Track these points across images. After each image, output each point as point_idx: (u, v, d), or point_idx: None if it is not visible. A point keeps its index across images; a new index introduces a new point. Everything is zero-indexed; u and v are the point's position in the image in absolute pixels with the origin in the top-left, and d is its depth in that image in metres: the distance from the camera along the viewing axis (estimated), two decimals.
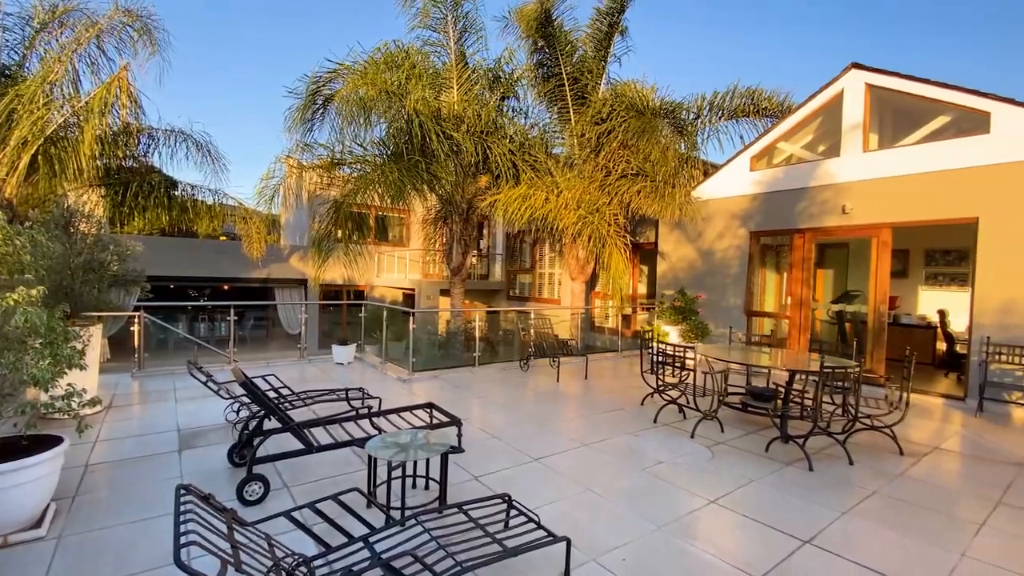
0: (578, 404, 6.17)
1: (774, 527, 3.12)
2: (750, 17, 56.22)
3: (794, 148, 8.87)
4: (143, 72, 7.73)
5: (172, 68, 7.70)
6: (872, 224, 7.43)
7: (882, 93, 7.44)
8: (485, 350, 10.37)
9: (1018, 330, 6.11)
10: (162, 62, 7.55)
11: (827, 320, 9.21)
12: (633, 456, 4.31)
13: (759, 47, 56.26)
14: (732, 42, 56.01)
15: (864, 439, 4.84)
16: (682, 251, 10.15)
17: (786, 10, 52.48)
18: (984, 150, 6.40)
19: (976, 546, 3.00)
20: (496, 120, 9.75)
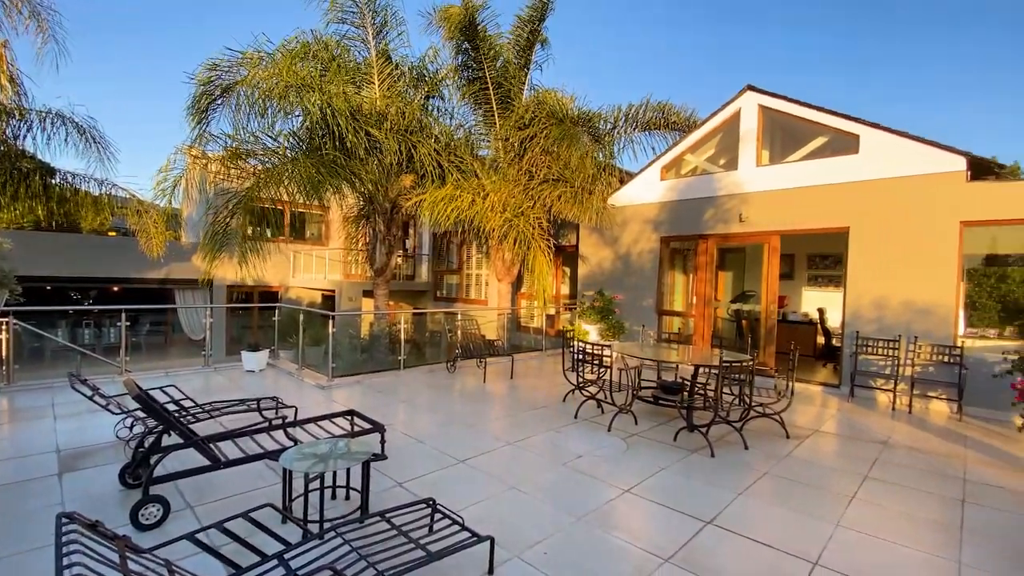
0: (504, 404, 6.26)
1: (681, 511, 3.39)
2: (662, 32, 59.99)
3: (699, 160, 9.63)
4: (39, 60, 7.06)
5: (71, 56, 7.01)
6: (764, 231, 8.26)
7: (773, 114, 8.31)
8: (411, 352, 10.19)
9: (882, 325, 7.09)
10: (57, 48, 6.77)
11: (727, 318, 10.09)
12: (555, 452, 4.47)
13: (673, 64, 60.23)
14: (648, 59, 59.47)
15: (757, 425, 5.37)
16: (601, 254, 10.63)
17: (697, 28, 56.62)
18: (854, 168, 7.36)
19: (848, 516, 3.46)
20: (421, 119, 9.63)
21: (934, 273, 6.67)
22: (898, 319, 6.92)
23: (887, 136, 7.08)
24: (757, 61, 56.48)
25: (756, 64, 58.82)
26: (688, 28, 56.48)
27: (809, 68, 55.11)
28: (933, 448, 5.00)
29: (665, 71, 58.05)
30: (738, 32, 56.50)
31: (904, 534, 3.22)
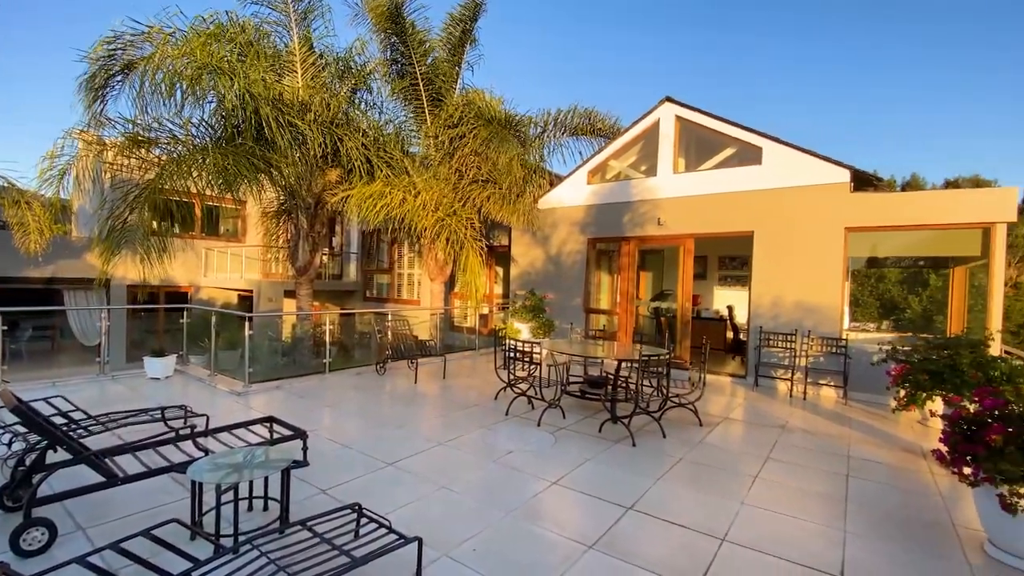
0: (435, 404, 6.22)
1: (604, 499, 3.55)
2: (589, 42, 62.12)
3: (622, 166, 10.10)
4: None
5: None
6: (680, 234, 8.84)
7: (688, 124, 8.90)
8: (338, 355, 9.81)
9: (781, 320, 7.82)
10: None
11: (648, 315, 10.68)
12: (486, 449, 4.51)
13: (597, 73, 62.58)
14: (577, 68, 61.36)
15: (674, 415, 5.74)
16: (533, 254, 10.84)
17: (619, 41, 59.21)
18: (757, 177, 8.06)
19: (752, 494, 3.79)
20: (348, 112, 9.31)
21: (823, 274, 7.47)
22: (794, 315, 7.68)
23: (785, 149, 7.83)
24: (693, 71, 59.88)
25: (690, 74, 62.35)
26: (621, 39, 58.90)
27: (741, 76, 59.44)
28: (823, 430, 5.61)
29: (592, 78, 60.24)
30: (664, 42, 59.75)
31: (799, 507, 3.59)
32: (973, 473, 2.94)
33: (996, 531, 2.96)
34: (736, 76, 61.12)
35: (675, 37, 57.96)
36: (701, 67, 57.36)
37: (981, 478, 2.89)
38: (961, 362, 4.61)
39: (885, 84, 52.82)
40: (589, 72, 57.63)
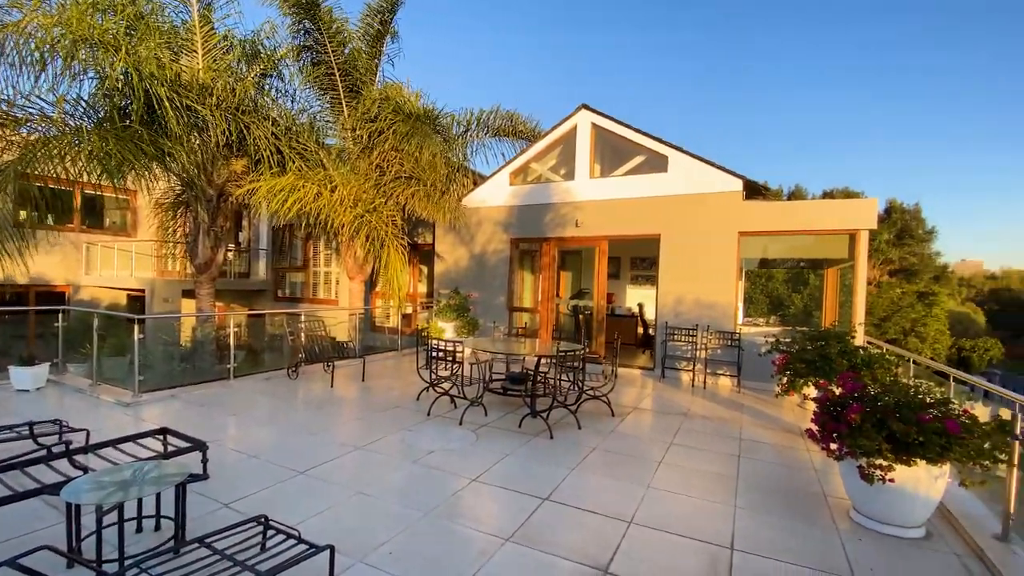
0: (353, 407, 6.02)
1: (522, 492, 3.66)
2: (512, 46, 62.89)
3: (543, 169, 10.39)
4: None
5: None
6: (596, 236, 9.27)
7: (603, 132, 9.35)
8: (246, 359, 9.17)
9: (685, 317, 8.46)
10: None
11: (567, 313, 11.10)
12: (406, 451, 4.46)
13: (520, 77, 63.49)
14: (498, 71, 61.84)
15: (590, 407, 6.03)
16: (458, 253, 10.82)
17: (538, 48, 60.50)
18: (664, 184, 8.65)
19: (657, 478, 4.09)
20: (256, 99, 8.71)
21: (720, 274, 8.19)
22: (696, 312, 8.35)
23: (688, 159, 8.48)
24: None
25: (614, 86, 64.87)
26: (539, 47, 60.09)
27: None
28: (719, 415, 6.17)
29: (514, 84, 60.94)
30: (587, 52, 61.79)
31: (697, 488, 3.93)
32: (838, 448, 3.38)
33: (858, 499, 3.43)
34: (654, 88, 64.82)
35: (591, 39, 60.07)
36: (619, 72, 60.13)
37: (844, 452, 3.34)
38: (830, 351, 5.29)
39: (772, 101, 58.64)
40: (510, 77, 58.36)
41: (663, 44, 67.66)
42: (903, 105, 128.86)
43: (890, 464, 3.08)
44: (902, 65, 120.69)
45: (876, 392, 3.45)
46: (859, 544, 3.09)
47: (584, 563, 2.74)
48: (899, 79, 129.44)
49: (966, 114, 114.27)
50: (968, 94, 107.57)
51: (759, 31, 60.31)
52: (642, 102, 76.10)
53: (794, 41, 51.33)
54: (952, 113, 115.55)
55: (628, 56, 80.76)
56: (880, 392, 3.40)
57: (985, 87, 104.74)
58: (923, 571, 2.83)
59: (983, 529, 3.22)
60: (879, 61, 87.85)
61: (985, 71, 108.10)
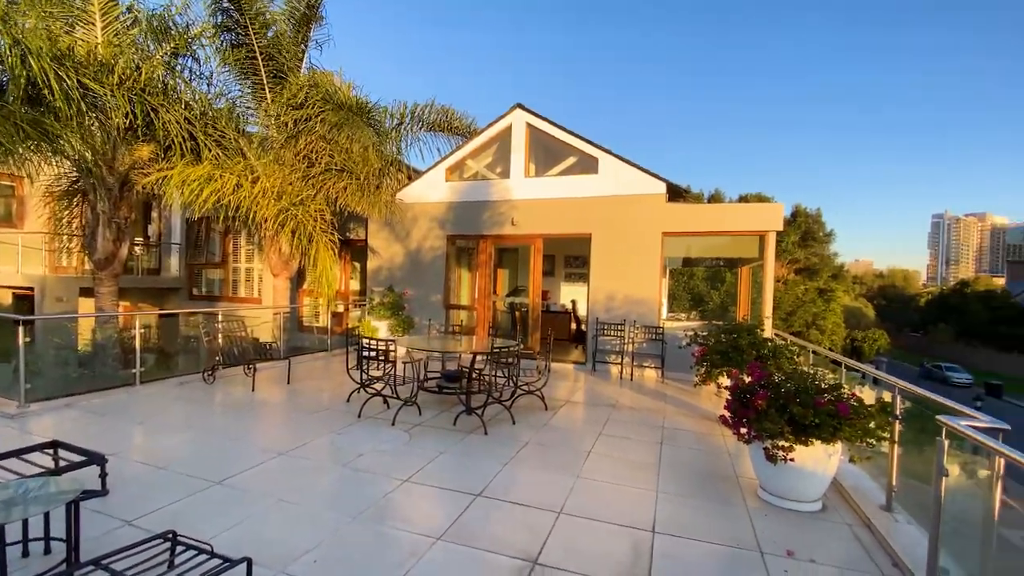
0: (277, 411, 5.73)
1: (455, 489, 3.66)
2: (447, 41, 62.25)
3: (479, 166, 10.39)
4: None
5: None
6: (531, 234, 9.42)
7: (537, 132, 9.50)
8: (156, 363, 8.44)
9: (614, 313, 8.81)
10: None
11: (504, 310, 11.20)
12: (335, 454, 4.31)
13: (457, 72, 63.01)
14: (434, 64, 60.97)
15: (524, 402, 6.12)
16: (392, 249, 10.56)
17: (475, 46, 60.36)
18: (595, 185, 8.95)
19: (586, 467, 4.23)
20: (166, 80, 8.00)
21: (646, 271, 8.61)
22: (624, 308, 8.73)
23: (617, 161, 8.83)
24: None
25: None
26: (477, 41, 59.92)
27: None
28: (645, 405, 6.49)
29: (449, 79, 60.36)
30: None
31: (623, 475, 4.12)
32: (747, 432, 3.67)
33: (764, 478, 3.74)
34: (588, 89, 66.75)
35: (526, 38, 60.90)
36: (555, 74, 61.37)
37: (752, 436, 3.63)
38: (741, 343, 5.73)
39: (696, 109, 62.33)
40: (447, 71, 57.79)
41: (599, 47, 69.96)
42: (808, 118, 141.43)
43: (791, 445, 3.39)
44: (811, 84, 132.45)
45: (780, 380, 3.77)
46: (765, 519, 3.38)
47: (515, 556, 2.79)
48: (805, 97, 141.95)
49: (860, 128, 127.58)
50: (869, 110, 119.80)
51: (690, 41, 63.56)
52: (576, 105, 78.63)
53: (719, 53, 54.80)
54: (849, 127, 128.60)
55: (563, 59, 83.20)
56: (783, 380, 3.73)
57: (878, 103, 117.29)
58: (819, 541, 3.14)
59: (870, 501, 3.62)
60: (797, 77, 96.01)
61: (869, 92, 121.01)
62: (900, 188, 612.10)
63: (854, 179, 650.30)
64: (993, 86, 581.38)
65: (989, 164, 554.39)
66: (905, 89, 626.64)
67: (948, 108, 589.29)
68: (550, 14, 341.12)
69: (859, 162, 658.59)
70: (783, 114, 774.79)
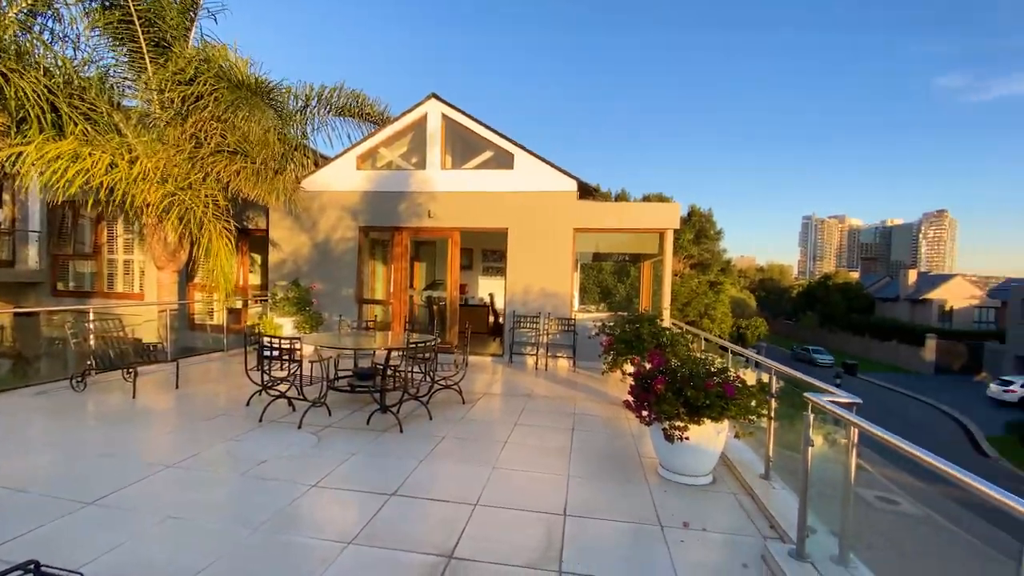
0: (164, 419, 5.18)
1: (368, 491, 3.55)
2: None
3: (394, 156, 10.08)
4: None
5: None
6: (448, 227, 9.35)
7: (453, 124, 9.41)
8: (12, 370, 7.25)
9: (530, 306, 9.02)
10: None
11: (422, 304, 11.02)
12: (233, 463, 3.99)
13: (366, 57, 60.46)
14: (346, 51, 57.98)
15: (442, 396, 6.10)
16: (298, 240, 9.92)
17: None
18: (511, 180, 9.08)
19: (502, 458, 4.31)
20: (19, 41, 6.83)
21: (559, 265, 8.92)
22: (539, 301, 8.98)
23: (532, 158, 9.02)
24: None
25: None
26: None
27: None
28: (558, 394, 6.74)
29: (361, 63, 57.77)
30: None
31: (537, 463, 4.25)
32: (648, 415, 3.96)
33: (664, 457, 4.06)
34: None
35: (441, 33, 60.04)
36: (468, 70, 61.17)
37: (652, 418, 3.92)
38: (643, 333, 6.15)
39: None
40: (359, 67, 55.23)
41: (517, 47, 70.77)
42: (703, 122, 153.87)
43: (685, 425, 3.70)
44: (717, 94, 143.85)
45: (676, 366, 4.11)
46: (664, 495, 3.67)
47: (430, 552, 2.78)
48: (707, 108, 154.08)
49: (744, 134, 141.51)
50: (751, 121, 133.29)
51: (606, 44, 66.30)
52: (496, 102, 79.54)
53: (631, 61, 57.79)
54: (735, 133, 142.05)
55: (480, 57, 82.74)
56: (679, 365, 4.06)
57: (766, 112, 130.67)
58: (710, 510, 3.48)
59: (752, 471, 4.06)
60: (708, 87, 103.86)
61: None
62: (778, 192, 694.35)
63: (740, 182, 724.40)
64: (842, 101, 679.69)
65: (848, 171, 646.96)
66: (785, 101, 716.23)
67: (823, 116, 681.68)
68: (470, 14, 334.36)
69: (744, 167, 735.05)
70: (680, 119, 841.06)
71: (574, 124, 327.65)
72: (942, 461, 1.79)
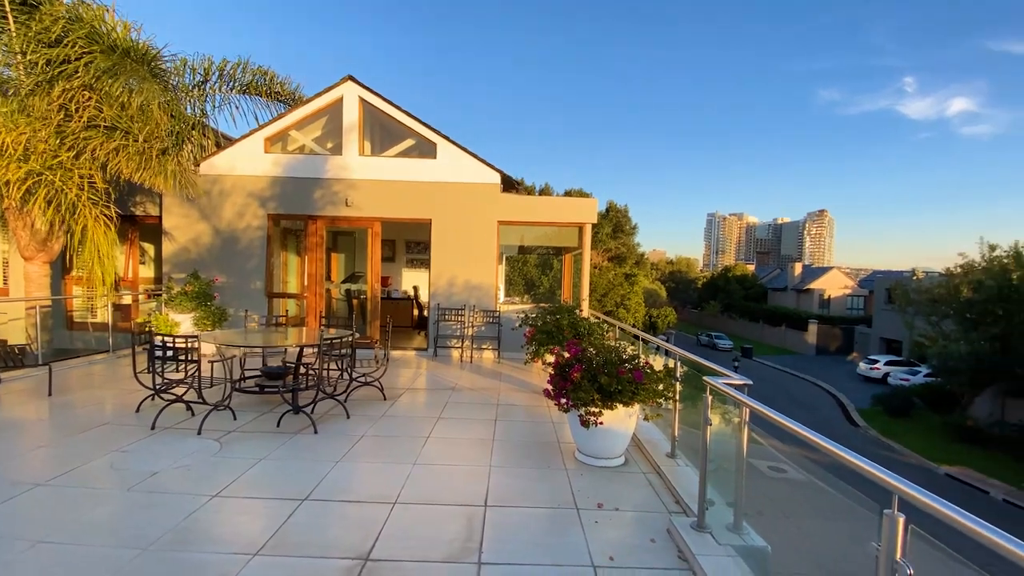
0: (34, 432, 4.53)
1: (277, 497, 3.34)
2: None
3: (307, 139, 9.49)
4: None
5: None
6: (368, 217, 9.00)
7: (372, 108, 9.03)
8: None
9: (455, 298, 8.95)
10: None
11: (340, 298, 10.54)
12: (119, 477, 3.58)
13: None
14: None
15: (362, 393, 5.89)
16: (197, 228, 9.05)
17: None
18: (434, 170, 8.91)
19: (424, 453, 4.24)
20: None
21: (483, 258, 8.93)
22: (464, 293, 8.94)
23: (455, 148, 8.91)
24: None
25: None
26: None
27: None
28: (483, 386, 6.77)
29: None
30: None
31: (460, 456, 4.24)
32: (566, 402, 4.08)
33: (580, 441, 4.21)
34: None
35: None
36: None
37: (570, 405, 4.05)
38: (563, 323, 6.34)
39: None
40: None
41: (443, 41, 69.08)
42: (620, 121, 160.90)
43: (600, 410, 3.87)
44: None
45: (591, 354, 4.28)
46: (581, 478, 3.82)
47: (345, 556, 2.68)
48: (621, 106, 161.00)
49: (656, 133, 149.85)
50: (670, 121, 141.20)
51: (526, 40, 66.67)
52: (417, 94, 77.32)
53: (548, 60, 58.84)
54: (646, 131, 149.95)
55: (406, 49, 79.53)
56: (594, 354, 4.23)
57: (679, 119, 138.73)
58: (622, 490, 3.67)
59: (660, 451, 4.34)
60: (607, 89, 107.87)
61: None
62: (686, 189, 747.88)
63: (653, 179, 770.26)
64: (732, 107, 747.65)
65: (747, 172, 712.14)
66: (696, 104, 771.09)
67: (720, 118, 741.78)
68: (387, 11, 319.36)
69: (657, 164, 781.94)
70: (602, 117, 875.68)
71: (498, 118, 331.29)
72: (812, 432, 2.03)
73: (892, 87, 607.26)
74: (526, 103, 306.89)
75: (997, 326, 20.43)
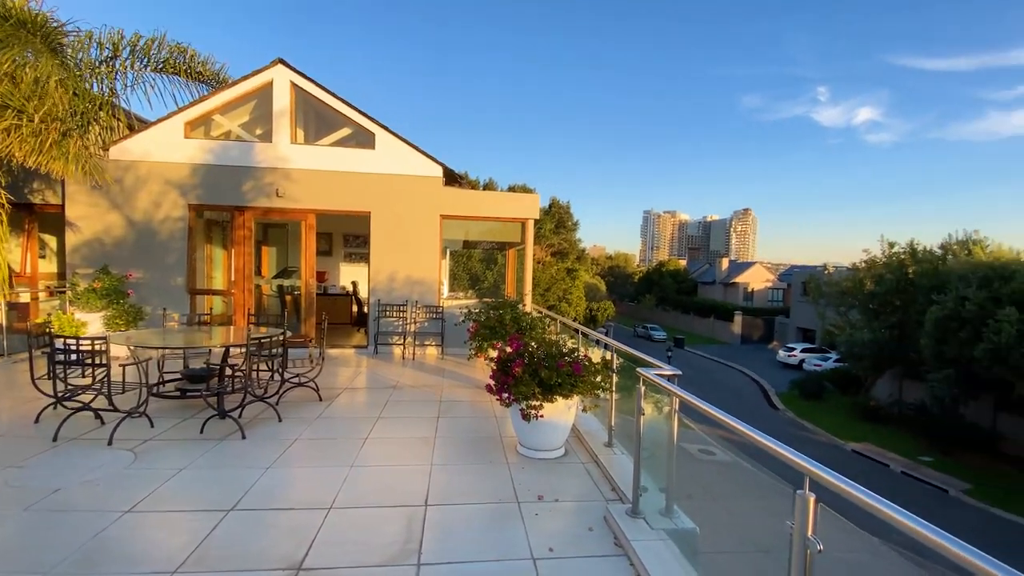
0: None
1: (199, 509, 3.12)
2: None
3: (232, 125, 8.88)
4: None
5: None
6: (302, 209, 8.58)
7: (304, 94, 8.59)
8: None
9: (396, 294, 8.74)
10: None
11: (272, 294, 10.00)
12: (15, 495, 3.20)
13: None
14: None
15: (296, 395, 5.62)
16: (107, 219, 8.23)
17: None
18: (373, 161, 8.63)
19: (362, 454, 4.12)
20: None
21: (426, 252, 8.78)
22: (405, 289, 8.76)
23: (395, 139, 8.67)
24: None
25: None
26: None
27: None
28: (425, 383, 6.67)
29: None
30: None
31: (400, 455, 4.16)
32: (508, 397, 4.10)
33: (522, 435, 4.25)
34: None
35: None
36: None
37: (512, 400, 4.07)
38: (505, 318, 6.37)
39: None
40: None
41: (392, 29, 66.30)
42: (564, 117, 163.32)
43: (540, 404, 3.93)
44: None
45: (532, 348, 4.32)
46: (522, 472, 3.86)
47: (276, 568, 2.54)
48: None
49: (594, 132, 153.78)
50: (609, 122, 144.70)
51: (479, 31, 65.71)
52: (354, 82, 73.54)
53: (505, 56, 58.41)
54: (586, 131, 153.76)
55: (348, 41, 75.48)
56: (535, 348, 4.27)
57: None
58: (562, 481, 3.74)
59: (598, 440, 4.47)
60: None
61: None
62: (624, 187, 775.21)
63: (593, 177, 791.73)
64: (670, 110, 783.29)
65: (679, 171, 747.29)
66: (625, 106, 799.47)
67: (664, 126, 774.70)
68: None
69: (599, 162, 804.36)
70: (551, 113, 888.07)
71: (441, 111, 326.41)
72: (734, 419, 2.16)
73: (807, 96, 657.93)
74: (469, 94, 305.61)
75: (895, 315, 22.82)
